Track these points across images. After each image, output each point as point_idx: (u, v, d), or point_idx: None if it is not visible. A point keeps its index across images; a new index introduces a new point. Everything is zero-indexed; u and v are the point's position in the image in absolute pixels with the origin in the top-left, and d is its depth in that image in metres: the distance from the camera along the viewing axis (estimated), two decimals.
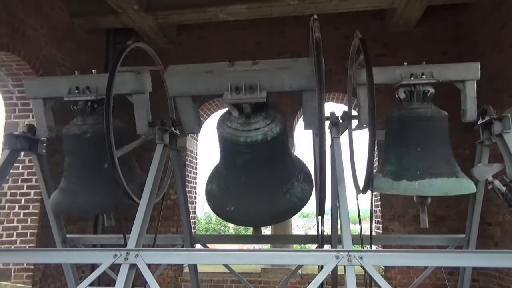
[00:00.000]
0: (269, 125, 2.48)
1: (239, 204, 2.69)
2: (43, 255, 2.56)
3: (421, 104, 2.75)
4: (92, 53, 6.82)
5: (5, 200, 5.36)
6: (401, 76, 2.76)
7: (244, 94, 2.36)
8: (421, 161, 2.65)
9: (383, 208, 6.26)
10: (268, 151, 2.53)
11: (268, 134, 2.45)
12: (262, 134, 2.44)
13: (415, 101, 2.76)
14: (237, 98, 2.38)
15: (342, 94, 6.74)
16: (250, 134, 2.44)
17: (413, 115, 2.74)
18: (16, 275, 5.14)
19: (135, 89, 2.83)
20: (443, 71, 2.76)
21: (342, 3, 5.71)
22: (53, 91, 2.91)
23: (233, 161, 2.63)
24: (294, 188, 2.73)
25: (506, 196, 2.56)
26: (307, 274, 6.11)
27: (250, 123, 2.48)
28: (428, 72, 2.74)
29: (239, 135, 2.46)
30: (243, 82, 2.36)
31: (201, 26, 6.94)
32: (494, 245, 5.50)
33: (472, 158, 3.10)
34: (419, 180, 2.59)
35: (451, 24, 6.54)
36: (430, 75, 2.73)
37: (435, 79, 2.71)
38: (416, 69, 2.76)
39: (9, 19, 4.89)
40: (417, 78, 2.73)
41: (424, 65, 2.79)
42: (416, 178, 2.60)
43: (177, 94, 2.59)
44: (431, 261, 2.18)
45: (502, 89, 5.08)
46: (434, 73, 2.73)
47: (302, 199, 2.75)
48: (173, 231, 6.60)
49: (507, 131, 2.58)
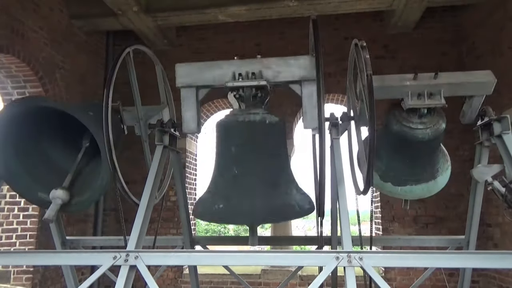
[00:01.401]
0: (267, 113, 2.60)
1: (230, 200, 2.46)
2: (43, 257, 2.55)
3: (421, 123, 2.69)
4: (92, 55, 6.83)
5: (5, 202, 5.36)
6: (408, 94, 2.64)
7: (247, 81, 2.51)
8: (407, 171, 2.98)
9: (382, 209, 6.26)
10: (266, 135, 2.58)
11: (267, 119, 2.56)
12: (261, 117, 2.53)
13: (417, 118, 2.70)
14: (241, 84, 2.51)
15: (341, 95, 6.75)
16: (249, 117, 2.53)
17: (411, 136, 2.70)
18: (16, 277, 5.13)
19: None
20: (454, 89, 2.66)
21: (342, 5, 5.72)
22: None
23: (227, 150, 2.61)
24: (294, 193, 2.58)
25: (506, 197, 2.56)
26: (307, 275, 6.10)
27: (249, 109, 2.56)
28: (436, 91, 2.62)
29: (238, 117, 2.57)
30: (245, 69, 2.51)
31: (201, 28, 6.95)
32: (494, 246, 5.50)
33: (472, 159, 3.10)
34: (401, 186, 3.01)
35: (450, 25, 6.56)
36: (438, 95, 2.61)
37: (443, 103, 2.61)
38: (425, 88, 2.62)
39: (9, 21, 4.90)
40: (423, 100, 2.62)
41: (434, 80, 2.64)
42: (400, 184, 3.01)
43: (183, 84, 2.63)
44: (431, 262, 2.17)
45: (501, 90, 5.06)
46: (444, 91, 2.61)
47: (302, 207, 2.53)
48: (173, 233, 6.59)
49: (507, 132, 2.59)
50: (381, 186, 3.10)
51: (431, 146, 2.83)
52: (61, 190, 2.60)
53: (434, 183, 3.01)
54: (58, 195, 2.59)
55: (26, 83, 5.44)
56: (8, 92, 5.50)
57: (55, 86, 5.78)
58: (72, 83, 6.18)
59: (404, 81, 2.66)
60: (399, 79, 2.69)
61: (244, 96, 2.55)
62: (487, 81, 2.67)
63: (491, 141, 2.78)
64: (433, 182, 3.00)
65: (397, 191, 3.05)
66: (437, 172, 2.99)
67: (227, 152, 2.59)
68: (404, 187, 3.00)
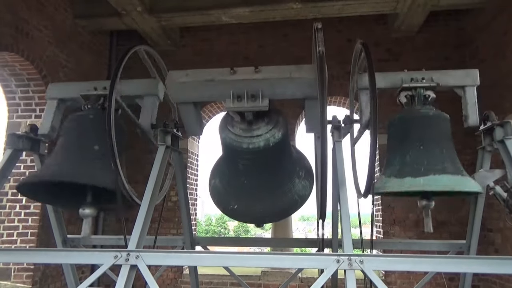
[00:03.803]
0: (271, 130, 2.46)
1: (241, 203, 2.73)
2: (44, 255, 2.55)
3: (422, 107, 2.78)
4: (95, 54, 6.85)
5: (6, 200, 5.38)
6: (402, 80, 2.80)
7: (246, 103, 2.34)
8: (424, 158, 2.62)
9: (383, 213, 6.25)
10: (270, 156, 2.54)
11: (271, 140, 2.44)
12: (264, 140, 2.43)
13: (417, 105, 2.79)
14: (239, 107, 2.36)
15: (344, 98, 6.75)
16: (253, 141, 2.43)
17: (415, 114, 2.76)
18: (16, 274, 5.14)
19: (147, 92, 2.89)
20: (443, 77, 2.81)
21: (345, 7, 5.73)
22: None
23: (235, 164, 2.63)
24: (296, 186, 2.75)
25: (507, 202, 2.55)
26: (307, 278, 6.09)
27: (252, 129, 2.46)
28: (428, 78, 2.79)
29: (241, 142, 2.45)
30: (245, 90, 2.33)
31: (204, 29, 6.96)
32: (495, 252, 5.49)
33: (474, 164, 3.09)
34: (423, 176, 2.54)
35: (453, 29, 6.55)
36: (430, 80, 2.79)
37: (435, 83, 2.76)
38: (417, 75, 2.82)
39: (13, 20, 4.92)
40: (417, 82, 2.78)
41: (424, 71, 2.84)
42: (421, 174, 2.55)
43: (178, 101, 2.59)
44: (432, 266, 2.17)
45: (504, 95, 5.07)
46: (434, 78, 2.79)
47: (303, 196, 2.80)
48: (173, 233, 6.60)
49: (509, 137, 2.58)
50: (400, 184, 2.66)
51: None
52: (87, 209, 2.71)
53: (462, 178, 2.61)
54: (87, 214, 2.70)
55: (30, 82, 5.46)
56: (11, 90, 5.53)
57: None
58: None
59: None
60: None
61: (245, 117, 2.46)
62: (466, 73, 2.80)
63: (493, 146, 2.77)
64: (460, 177, 2.61)
65: (420, 183, 2.57)
66: (462, 171, 2.67)
67: (235, 167, 2.67)
68: (427, 177, 2.57)
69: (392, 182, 2.66)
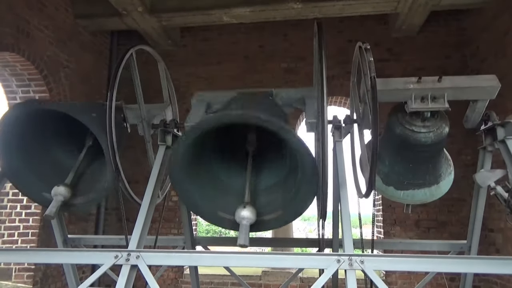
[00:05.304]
0: None
1: None
2: (44, 255, 2.56)
3: (424, 127, 2.65)
4: (96, 54, 6.86)
5: (7, 200, 5.39)
6: (411, 97, 2.58)
7: None
8: (410, 174, 2.94)
9: (384, 213, 6.24)
10: None
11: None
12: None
13: (420, 121, 2.65)
14: None
15: (344, 98, 6.75)
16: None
17: (414, 139, 2.66)
18: (17, 274, 5.15)
19: None
20: (458, 93, 2.61)
21: (346, 7, 5.72)
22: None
23: None
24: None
25: (508, 202, 2.55)
26: (307, 278, 6.09)
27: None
28: (440, 95, 2.56)
29: None
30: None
31: (205, 28, 6.96)
32: (496, 252, 5.48)
33: (475, 164, 3.09)
34: (404, 190, 2.98)
35: (454, 29, 6.54)
36: (442, 99, 2.56)
37: (446, 107, 2.56)
38: (428, 91, 2.57)
39: (14, 20, 4.93)
40: (426, 103, 2.57)
41: (438, 82, 2.59)
42: (403, 188, 2.97)
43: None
44: (433, 266, 2.17)
45: (505, 95, 5.03)
46: (448, 94, 2.56)
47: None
48: (174, 233, 6.60)
49: (510, 137, 2.58)
50: (383, 190, 3.08)
51: (434, 150, 2.81)
52: (62, 187, 2.61)
53: (436, 187, 2.97)
54: (59, 192, 2.59)
55: (31, 82, 5.47)
56: (12, 91, 5.53)
57: (59, 85, 5.81)
58: (76, 82, 6.21)
59: (408, 84, 2.63)
60: (403, 82, 2.66)
61: None
62: (491, 86, 2.65)
63: (494, 146, 2.77)
64: (435, 186, 2.96)
65: (399, 196, 3.01)
66: (440, 176, 2.97)
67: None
68: (407, 191, 2.96)
69: (379, 183, 2.99)
